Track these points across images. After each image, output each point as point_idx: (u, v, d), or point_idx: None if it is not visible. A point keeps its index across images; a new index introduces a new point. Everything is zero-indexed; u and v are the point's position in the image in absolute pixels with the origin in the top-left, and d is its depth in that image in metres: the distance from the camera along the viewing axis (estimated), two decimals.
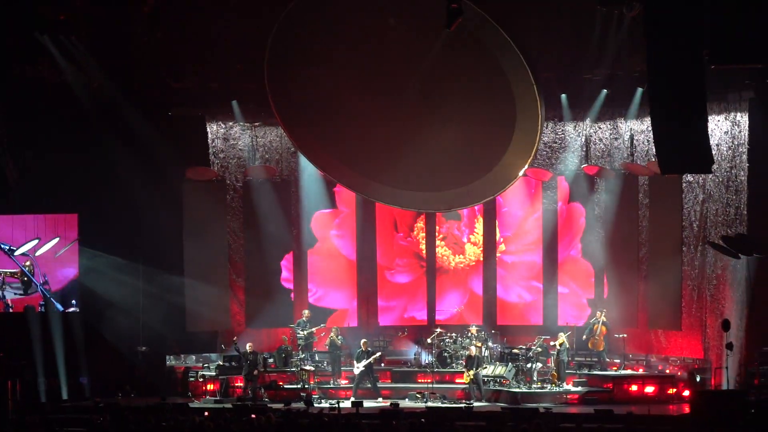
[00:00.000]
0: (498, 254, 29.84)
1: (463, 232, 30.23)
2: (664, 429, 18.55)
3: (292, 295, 29.89)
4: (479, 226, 30.04)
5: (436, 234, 30.24)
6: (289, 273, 29.91)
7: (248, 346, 26.83)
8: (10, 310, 28.10)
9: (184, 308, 28.67)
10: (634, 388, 26.26)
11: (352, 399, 25.32)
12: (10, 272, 27.47)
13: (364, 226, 30.21)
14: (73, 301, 28.22)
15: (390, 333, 29.49)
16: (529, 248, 29.77)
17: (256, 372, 26.60)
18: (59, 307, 27.81)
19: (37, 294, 27.75)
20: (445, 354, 27.70)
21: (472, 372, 26.34)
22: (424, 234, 30.31)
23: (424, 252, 30.33)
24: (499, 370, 26.75)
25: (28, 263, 26.41)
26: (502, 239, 29.91)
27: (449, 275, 30.34)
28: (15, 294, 28.14)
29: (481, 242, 30.01)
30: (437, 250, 30.22)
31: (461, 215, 30.16)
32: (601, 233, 28.88)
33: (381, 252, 30.36)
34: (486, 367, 26.74)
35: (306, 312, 28.79)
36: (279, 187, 29.80)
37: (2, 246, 27.66)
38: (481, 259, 29.99)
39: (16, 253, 27.70)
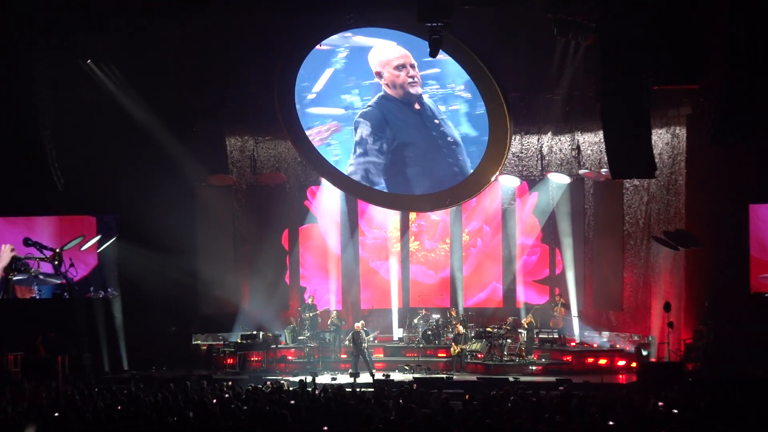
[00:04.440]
0: (463, 255, 29.68)
1: (432, 245, 30.12)
2: (614, 395, 18.61)
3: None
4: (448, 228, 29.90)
5: (410, 232, 30.01)
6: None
7: (356, 326, 26.53)
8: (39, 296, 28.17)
9: (203, 293, 28.81)
10: (589, 360, 26.32)
11: (351, 371, 25.36)
12: (24, 262, 27.34)
13: (350, 227, 30.05)
14: (111, 291, 28.31)
15: (382, 315, 29.53)
16: (493, 240, 29.67)
17: (365, 346, 26.15)
18: (81, 292, 27.98)
19: (62, 282, 27.65)
20: (429, 333, 27.78)
21: (459, 347, 26.52)
22: (394, 232, 29.99)
23: (399, 247, 29.95)
24: (475, 345, 26.87)
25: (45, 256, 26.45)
26: (467, 233, 29.78)
27: (420, 266, 30.15)
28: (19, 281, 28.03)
29: (449, 240, 29.82)
30: (410, 245, 29.95)
31: (435, 232, 30.03)
32: (556, 230, 28.90)
33: (362, 248, 30.18)
34: (467, 341, 26.87)
35: (311, 298, 28.86)
36: (285, 190, 29.89)
37: (33, 242, 27.56)
38: (449, 252, 29.77)
39: (65, 248, 27.82)
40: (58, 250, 25.77)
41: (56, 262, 26.38)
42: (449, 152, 27.30)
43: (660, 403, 16.75)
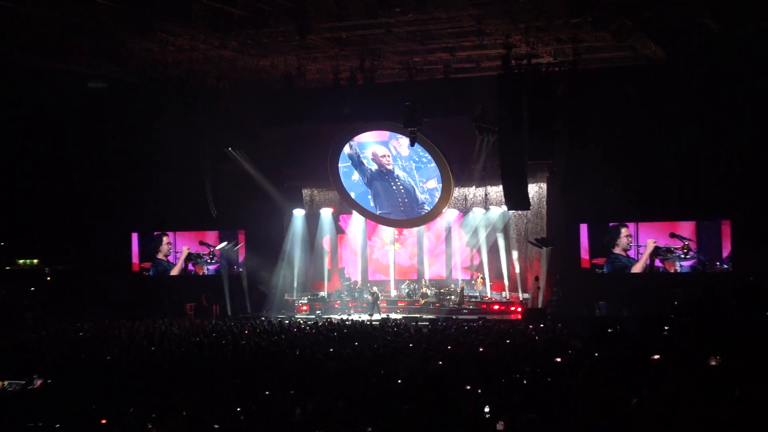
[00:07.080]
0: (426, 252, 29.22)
1: (408, 252, 29.93)
2: (510, 325, 19.00)
3: (327, 264, 29.84)
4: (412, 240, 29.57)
5: (395, 240, 29.59)
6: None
7: (374, 288, 26.32)
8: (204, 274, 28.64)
9: (289, 271, 28.49)
10: (495, 307, 26.38)
11: (369, 313, 25.63)
12: (199, 254, 28.29)
13: (366, 235, 29.68)
14: (241, 269, 28.39)
15: (383, 283, 29.27)
16: (439, 241, 29.33)
17: (379, 302, 26.08)
18: (227, 271, 28.16)
19: (217, 265, 28.18)
20: (409, 292, 27.88)
21: (424, 300, 26.73)
22: (388, 240, 29.44)
23: (388, 246, 29.55)
24: (434, 299, 27.01)
25: (210, 251, 27.48)
26: (427, 240, 29.39)
27: (401, 257, 29.72)
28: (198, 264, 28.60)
29: (417, 245, 29.39)
30: (395, 245, 29.55)
31: (408, 246, 29.64)
32: (476, 239, 28.32)
33: (369, 249, 29.79)
34: (429, 297, 27.07)
35: (348, 274, 29.05)
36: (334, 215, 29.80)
37: (204, 243, 28.35)
38: (416, 250, 29.43)
39: (217, 248, 28.39)
40: (212, 249, 26.53)
41: (211, 256, 26.89)
42: (408, 197, 27.44)
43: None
